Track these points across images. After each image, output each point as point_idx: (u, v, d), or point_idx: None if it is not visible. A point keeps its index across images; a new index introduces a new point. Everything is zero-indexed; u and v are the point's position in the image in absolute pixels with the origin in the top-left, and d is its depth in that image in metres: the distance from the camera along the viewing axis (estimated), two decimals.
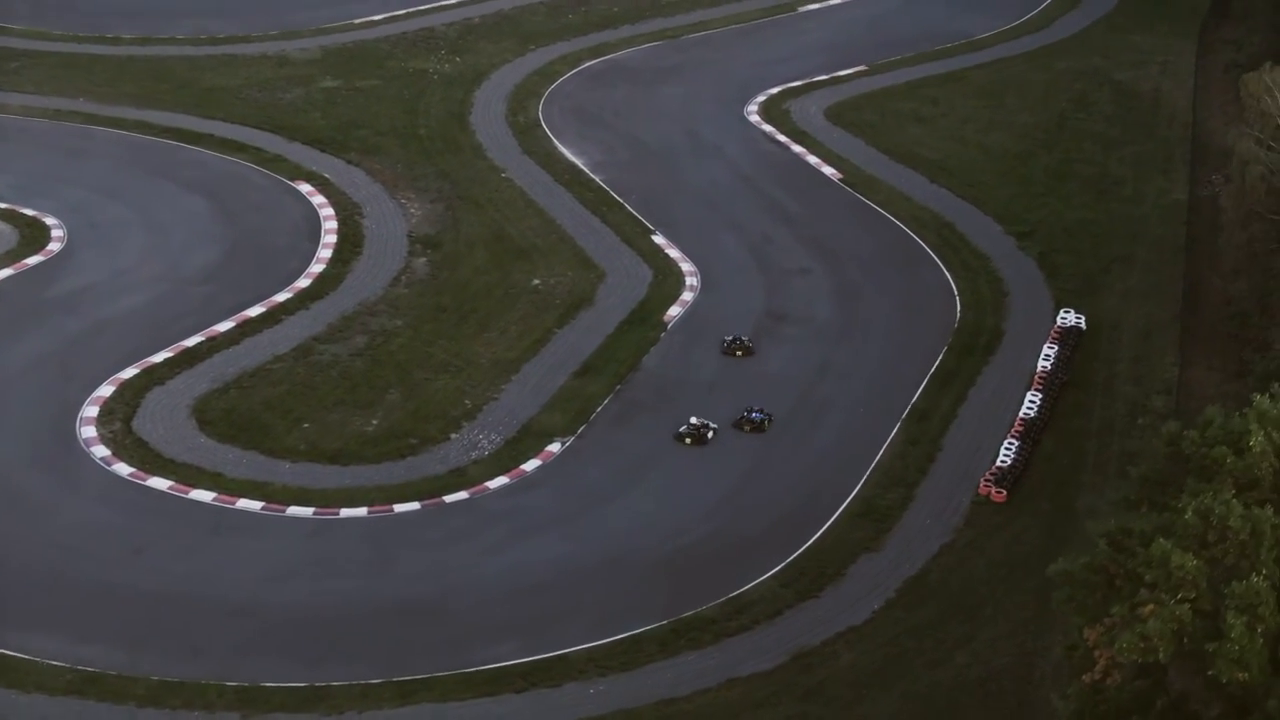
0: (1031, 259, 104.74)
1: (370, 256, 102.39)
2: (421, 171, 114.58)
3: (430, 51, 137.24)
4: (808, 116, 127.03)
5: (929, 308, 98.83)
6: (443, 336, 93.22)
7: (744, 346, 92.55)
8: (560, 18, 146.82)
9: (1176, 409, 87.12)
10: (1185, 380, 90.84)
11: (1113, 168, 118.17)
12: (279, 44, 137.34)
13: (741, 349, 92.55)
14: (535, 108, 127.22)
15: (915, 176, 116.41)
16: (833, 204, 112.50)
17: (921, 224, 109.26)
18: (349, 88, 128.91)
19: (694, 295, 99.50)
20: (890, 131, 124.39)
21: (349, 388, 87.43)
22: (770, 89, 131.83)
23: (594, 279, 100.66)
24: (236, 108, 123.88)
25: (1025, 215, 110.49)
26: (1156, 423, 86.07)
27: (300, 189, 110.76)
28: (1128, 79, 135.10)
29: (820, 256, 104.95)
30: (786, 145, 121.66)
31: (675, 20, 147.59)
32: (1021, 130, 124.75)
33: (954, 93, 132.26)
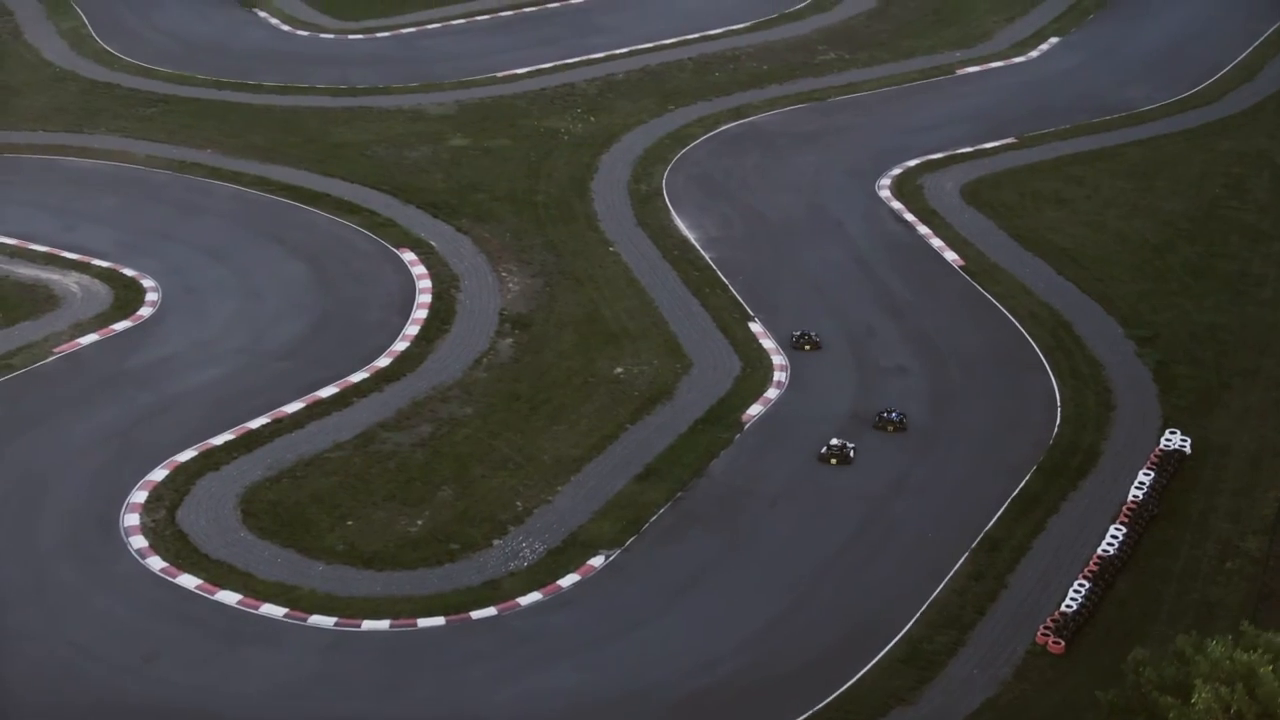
0: (1148, 368, 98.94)
1: (457, 335, 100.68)
2: (529, 242, 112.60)
3: (566, 109, 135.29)
4: (942, 193, 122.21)
5: (1026, 420, 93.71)
6: (510, 428, 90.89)
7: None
8: (706, 75, 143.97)
9: (1269, 553, 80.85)
10: None
11: (1256, 265, 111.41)
12: (416, 97, 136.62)
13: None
14: (660, 175, 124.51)
15: (1042, 267, 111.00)
16: (948, 294, 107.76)
17: (1038, 321, 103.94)
18: (476, 147, 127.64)
19: (779, 393, 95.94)
20: (1026, 213, 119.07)
21: (403, 482, 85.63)
22: (909, 160, 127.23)
23: (679, 369, 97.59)
24: (359, 165, 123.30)
25: (1151, 317, 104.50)
26: (1246, 568, 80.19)
27: (404, 257, 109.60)
28: None
29: (922, 354, 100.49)
30: (913, 225, 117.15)
31: (825, 80, 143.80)
32: (1166, 217, 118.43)
33: (1103, 172, 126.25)
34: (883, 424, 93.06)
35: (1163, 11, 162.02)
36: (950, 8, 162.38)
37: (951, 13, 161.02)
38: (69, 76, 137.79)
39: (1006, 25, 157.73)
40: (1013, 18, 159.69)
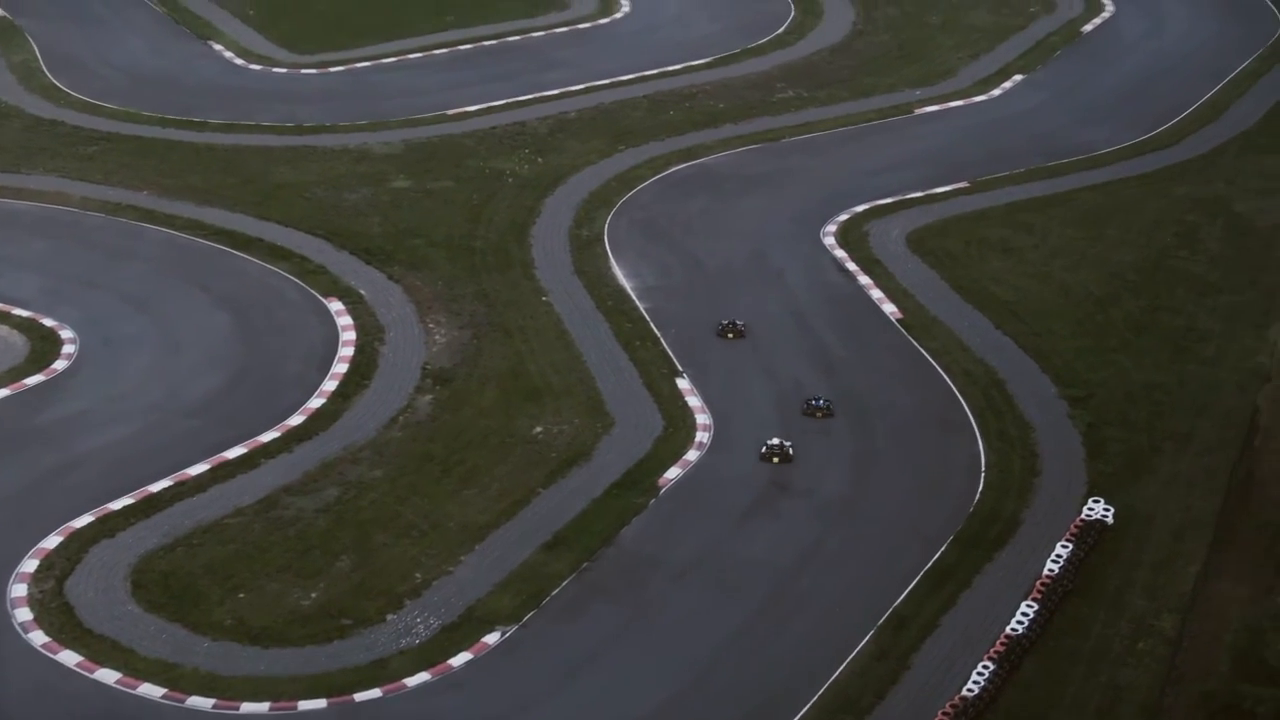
0: (1078, 431, 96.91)
1: (376, 391, 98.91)
2: (461, 291, 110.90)
3: (514, 150, 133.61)
4: (887, 241, 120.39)
5: (949, 486, 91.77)
6: (419, 492, 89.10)
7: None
8: (661, 114, 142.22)
9: (1183, 633, 78.76)
10: (1209, 593, 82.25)
11: (1201, 320, 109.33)
12: (363, 136, 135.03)
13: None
14: (604, 219, 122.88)
15: (982, 321, 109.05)
16: (883, 349, 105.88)
17: (971, 380, 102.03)
18: (419, 189, 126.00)
19: (699, 455, 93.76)
20: (971, 263, 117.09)
21: (300, 551, 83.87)
22: (858, 205, 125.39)
23: (600, 429, 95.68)
24: (297, 207, 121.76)
25: (1087, 375, 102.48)
26: (1158, 648, 78.20)
27: (331, 307, 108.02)
28: (1247, 211, 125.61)
29: (849, 414, 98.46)
30: (854, 275, 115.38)
31: (781, 120, 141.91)
32: (1114, 268, 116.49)
33: (1054, 218, 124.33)
34: (811, 410, 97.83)
35: (1132, 48, 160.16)
36: (915, 43, 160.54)
37: (916, 48, 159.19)
38: (13, 113, 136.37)
39: (971, 62, 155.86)
40: (978, 54, 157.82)
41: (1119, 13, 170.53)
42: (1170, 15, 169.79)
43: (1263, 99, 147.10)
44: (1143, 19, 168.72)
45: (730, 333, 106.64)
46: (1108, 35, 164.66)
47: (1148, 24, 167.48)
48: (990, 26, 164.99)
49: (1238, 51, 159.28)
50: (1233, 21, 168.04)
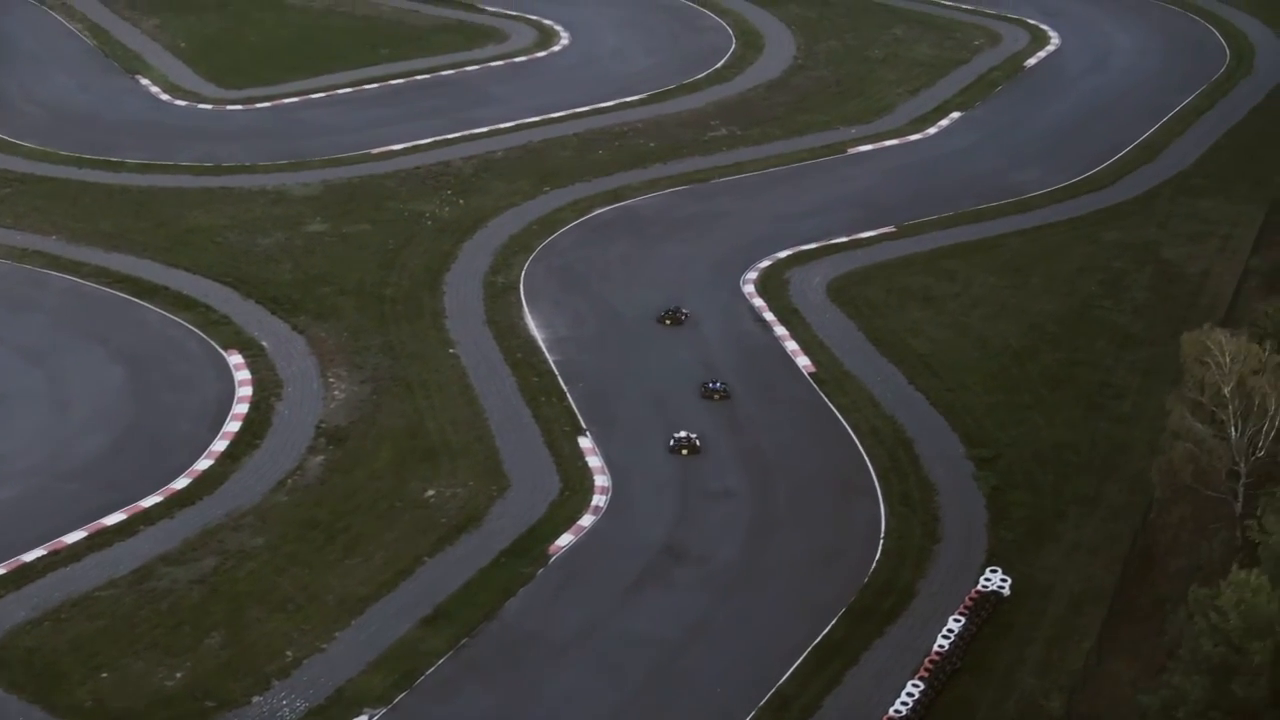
0: (983, 494, 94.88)
1: (267, 451, 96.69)
2: (366, 343, 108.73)
3: (437, 191, 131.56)
4: (808, 289, 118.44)
5: (845, 554, 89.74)
6: (300, 562, 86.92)
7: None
8: (590, 153, 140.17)
9: (1070, 713, 76.68)
10: (1099, 672, 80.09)
11: (1119, 375, 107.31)
12: (282, 176, 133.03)
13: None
14: (521, 265, 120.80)
15: (895, 375, 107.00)
16: (792, 406, 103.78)
17: (879, 438, 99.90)
18: (334, 233, 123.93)
19: (594, 520, 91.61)
20: (890, 313, 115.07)
21: (170, 626, 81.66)
22: (781, 251, 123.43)
23: (494, 492, 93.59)
24: (207, 253, 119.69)
25: (997, 434, 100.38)
26: None
27: (230, 360, 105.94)
28: (1177, 257, 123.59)
29: (752, 475, 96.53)
30: (770, 326, 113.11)
31: (712, 160, 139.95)
32: (1034, 319, 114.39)
33: (978, 266, 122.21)
34: (709, 394, 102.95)
35: (1074, 83, 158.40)
36: (855, 78, 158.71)
37: (855, 84, 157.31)
38: None
39: (910, 98, 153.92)
40: (917, 89, 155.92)
41: (1064, 45, 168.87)
42: (1116, 49, 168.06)
43: (1202, 138, 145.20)
44: (1088, 52, 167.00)
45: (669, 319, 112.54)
46: (1051, 70, 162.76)
47: (1092, 57, 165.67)
48: (932, 60, 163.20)
49: (1182, 87, 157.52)
50: (1180, 55, 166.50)
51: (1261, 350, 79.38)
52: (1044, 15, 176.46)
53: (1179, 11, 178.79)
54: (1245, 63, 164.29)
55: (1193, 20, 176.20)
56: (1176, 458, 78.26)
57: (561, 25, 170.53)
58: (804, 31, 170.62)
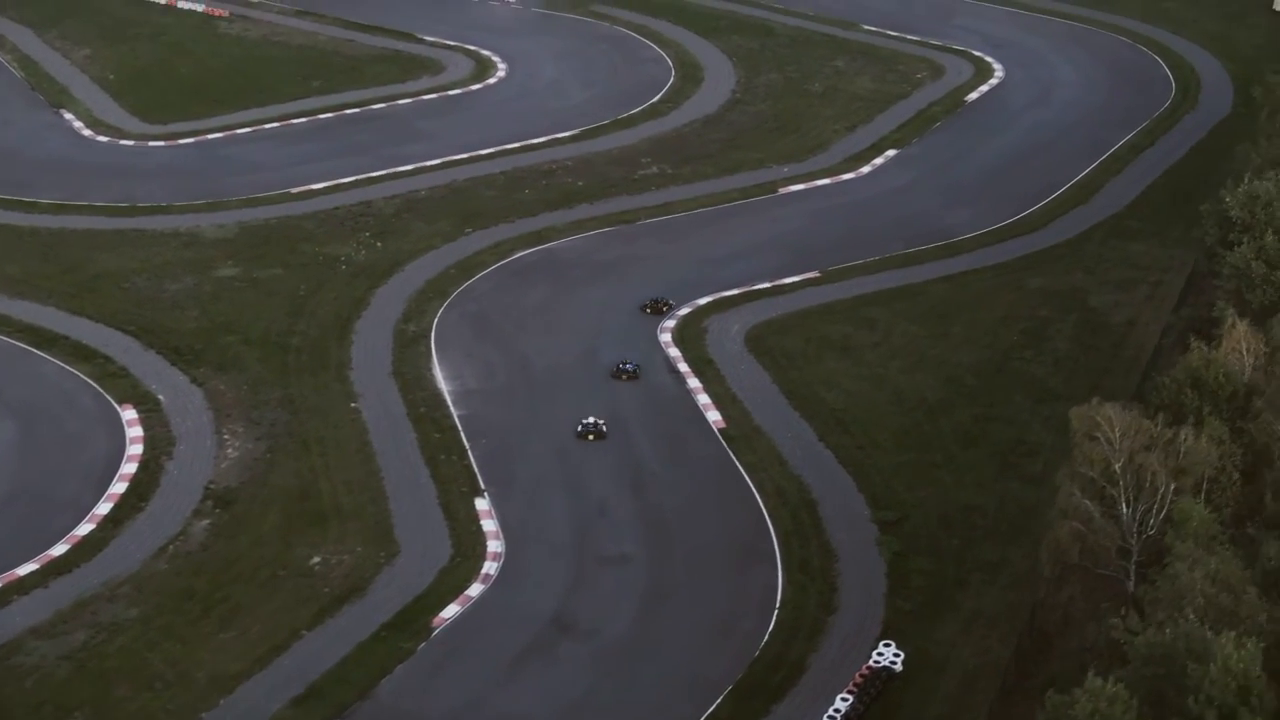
0: (884, 560, 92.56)
1: (151, 515, 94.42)
2: (266, 396, 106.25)
3: (354, 233, 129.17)
4: (725, 338, 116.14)
5: (738, 625, 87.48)
6: (173, 635, 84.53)
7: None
8: (515, 193, 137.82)
9: None
10: None
11: (1033, 432, 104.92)
12: (197, 218, 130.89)
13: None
14: (434, 313, 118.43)
15: (806, 431, 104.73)
16: (698, 463, 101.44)
17: (784, 499, 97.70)
18: (245, 278, 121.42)
19: (483, 589, 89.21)
20: (808, 364, 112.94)
21: (33, 706, 79.39)
22: (702, 297, 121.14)
23: (382, 558, 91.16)
24: (113, 300, 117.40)
25: (904, 495, 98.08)
26: None
27: (124, 416, 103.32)
28: (1104, 305, 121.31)
29: (651, 539, 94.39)
30: (684, 378, 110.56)
31: (639, 200, 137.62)
32: (952, 371, 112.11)
33: (900, 313, 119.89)
34: (619, 374, 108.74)
35: (1015, 118, 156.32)
36: (792, 114, 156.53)
37: (792, 119, 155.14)
38: None
39: (846, 135, 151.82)
40: (854, 126, 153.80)
41: (1008, 78, 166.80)
42: (1060, 82, 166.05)
43: (1139, 177, 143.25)
44: (1031, 86, 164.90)
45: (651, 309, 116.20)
46: (992, 104, 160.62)
47: (1036, 91, 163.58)
48: (873, 95, 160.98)
49: (1124, 122, 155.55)
50: (1125, 88, 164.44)
51: (1153, 425, 76.95)
52: (990, 47, 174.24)
53: (1128, 43, 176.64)
54: (1190, 96, 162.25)
55: (1141, 52, 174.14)
56: (1063, 537, 76.01)
57: (500, 56, 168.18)
58: (745, 63, 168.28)
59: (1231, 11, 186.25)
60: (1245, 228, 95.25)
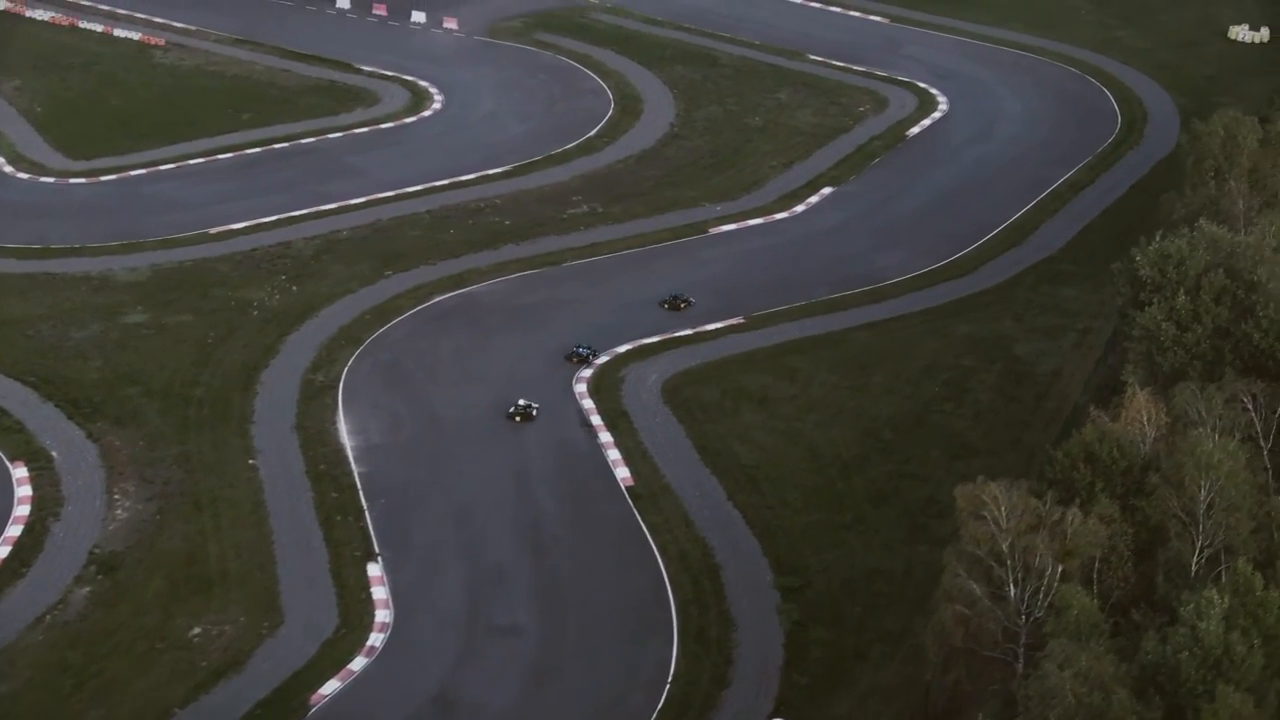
0: (783, 630, 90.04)
1: (32, 582, 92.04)
2: (163, 453, 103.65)
3: (271, 275, 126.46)
4: (641, 389, 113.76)
5: (627, 701, 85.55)
6: (41, 715, 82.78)
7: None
8: (440, 233, 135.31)
9: None
10: None
11: (947, 489, 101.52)
12: (110, 260, 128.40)
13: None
14: (344, 362, 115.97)
15: (716, 489, 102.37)
16: (602, 524, 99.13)
17: (686, 564, 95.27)
18: (153, 324, 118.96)
19: (366, 663, 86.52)
20: (724, 416, 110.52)
21: None
22: (622, 344, 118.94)
23: (265, 629, 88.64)
24: (15, 348, 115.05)
25: (810, 559, 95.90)
26: None
27: (14, 474, 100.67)
28: (1028, 354, 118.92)
29: (546, 607, 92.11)
30: (596, 431, 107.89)
31: (567, 240, 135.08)
32: (870, 424, 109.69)
33: (821, 362, 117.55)
34: (571, 356, 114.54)
35: (956, 154, 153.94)
36: (730, 149, 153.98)
37: (729, 155, 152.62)
38: None
39: (783, 171, 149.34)
40: (792, 162, 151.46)
41: (952, 111, 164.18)
42: (1004, 115, 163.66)
43: (1076, 218, 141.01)
44: (974, 120, 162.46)
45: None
46: (933, 139, 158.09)
47: (979, 125, 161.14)
48: (813, 129, 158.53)
49: (1066, 158, 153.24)
50: (1070, 122, 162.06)
51: (1041, 504, 74.41)
52: (936, 78, 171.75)
53: (1076, 74, 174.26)
54: (1136, 131, 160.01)
55: (1088, 83, 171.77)
56: (946, 621, 73.43)
57: (437, 87, 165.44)
58: (686, 95, 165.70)
59: (1186, 40, 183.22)
60: (1156, 287, 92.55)
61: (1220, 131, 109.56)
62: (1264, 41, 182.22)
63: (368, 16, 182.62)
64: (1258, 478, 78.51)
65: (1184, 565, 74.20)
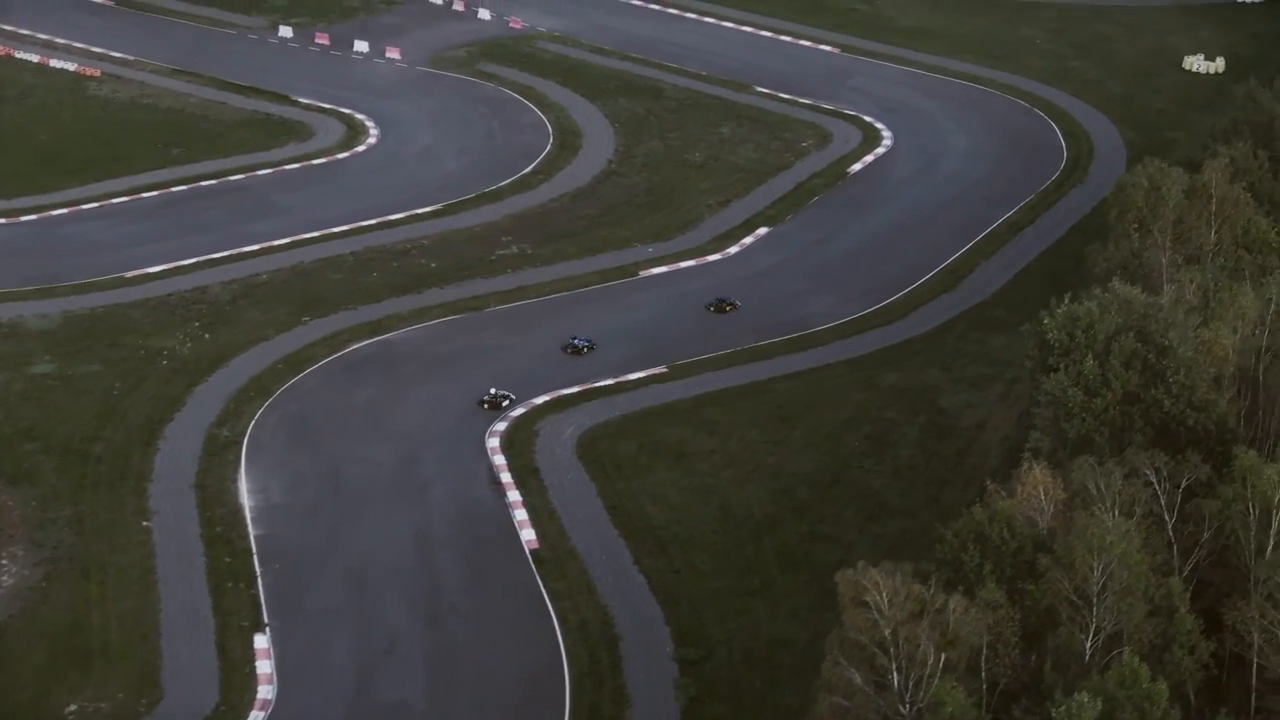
0: (679, 705, 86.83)
1: None
2: (55, 514, 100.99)
3: (185, 322, 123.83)
4: (556, 443, 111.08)
5: None
6: None
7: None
8: (364, 275, 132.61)
9: None
10: None
11: (859, 551, 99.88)
12: (21, 307, 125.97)
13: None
14: (252, 414, 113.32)
15: (623, 552, 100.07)
16: (502, 591, 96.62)
17: (585, 634, 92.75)
18: (60, 375, 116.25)
19: None
20: (639, 472, 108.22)
21: None
22: (540, 395, 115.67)
23: (142, 708, 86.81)
24: None
25: (713, 629, 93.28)
26: None
27: None
28: (955, 405, 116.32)
29: (437, 681, 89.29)
30: (505, 490, 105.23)
31: (493, 284, 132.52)
32: (786, 483, 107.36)
33: (743, 414, 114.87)
34: (567, 347, 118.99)
35: (896, 193, 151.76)
36: (667, 186, 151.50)
37: (666, 193, 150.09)
38: None
39: (720, 210, 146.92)
40: (729, 200, 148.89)
41: (896, 146, 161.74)
42: (948, 151, 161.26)
43: (1011, 261, 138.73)
44: (918, 155, 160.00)
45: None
46: (875, 176, 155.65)
47: (922, 161, 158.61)
48: (754, 165, 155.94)
49: (1007, 197, 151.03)
50: (1014, 158, 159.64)
51: (924, 589, 71.69)
52: (882, 111, 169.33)
53: (1025, 107, 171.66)
54: (1081, 168, 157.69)
55: (1037, 117, 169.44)
56: (824, 713, 70.49)
57: (374, 121, 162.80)
58: (627, 130, 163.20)
59: (1140, 70, 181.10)
60: (1064, 351, 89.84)
61: (1144, 182, 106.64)
62: (1219, 72, 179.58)
63: (310, 46, 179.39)
64: (1156, 557, 75.76)
65: (1076, 651, 71.46)
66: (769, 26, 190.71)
